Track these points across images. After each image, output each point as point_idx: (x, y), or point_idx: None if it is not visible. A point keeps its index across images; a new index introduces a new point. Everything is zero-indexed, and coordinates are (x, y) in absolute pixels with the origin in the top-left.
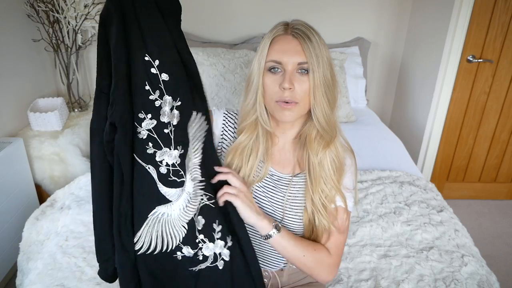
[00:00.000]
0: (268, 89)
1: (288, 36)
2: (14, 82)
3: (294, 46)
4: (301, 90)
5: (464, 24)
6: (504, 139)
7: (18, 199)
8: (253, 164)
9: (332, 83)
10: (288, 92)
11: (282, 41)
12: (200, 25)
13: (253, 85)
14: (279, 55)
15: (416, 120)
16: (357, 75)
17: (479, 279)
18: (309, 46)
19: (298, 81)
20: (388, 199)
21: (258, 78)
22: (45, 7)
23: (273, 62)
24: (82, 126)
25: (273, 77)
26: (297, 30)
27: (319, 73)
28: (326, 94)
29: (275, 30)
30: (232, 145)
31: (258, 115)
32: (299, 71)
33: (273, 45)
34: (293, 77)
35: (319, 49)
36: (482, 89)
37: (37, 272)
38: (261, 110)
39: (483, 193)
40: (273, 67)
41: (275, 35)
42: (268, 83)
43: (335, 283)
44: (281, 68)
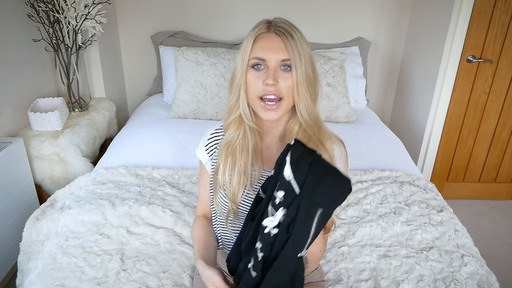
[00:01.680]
0: (251, 85)
1: (271, 33)
2: (14, 82)
3: (277, 44)
4: (285, 86)
5: (464, 24)
6: (504, 139)
7: (18, 199)
8: (246, 163)
9: (313, 78)
10: (272, 87)
11: (266, 38)
12: (200, 25)
13: (236, 82)
14: (263, 52)
15: (416, 120)
16: (357, 75)
17: (479, 279)
18: (292, 43)
19: (281, 78)
20: (388, 199)
21: (241, 74)
22: (45, 7)
23: (257, 59)
24: (82, 126)
25: (256, 73)
26: (279, 28)
27: (301, 69)
28: (309, 89)
29: (258, 28)
30: (222, 142)
31: (241, 111)
32: (282, 67)
33: (256, 43)
34: (277, 73)
35: (301, 46)
36: (482, 89)
37: (37, 272)
38: (243, 107)
39: (483, 193)
40: (256, 64)
41: (258, 33)
42: (251, 80)
43: (335, 283)
44: (264, 65)
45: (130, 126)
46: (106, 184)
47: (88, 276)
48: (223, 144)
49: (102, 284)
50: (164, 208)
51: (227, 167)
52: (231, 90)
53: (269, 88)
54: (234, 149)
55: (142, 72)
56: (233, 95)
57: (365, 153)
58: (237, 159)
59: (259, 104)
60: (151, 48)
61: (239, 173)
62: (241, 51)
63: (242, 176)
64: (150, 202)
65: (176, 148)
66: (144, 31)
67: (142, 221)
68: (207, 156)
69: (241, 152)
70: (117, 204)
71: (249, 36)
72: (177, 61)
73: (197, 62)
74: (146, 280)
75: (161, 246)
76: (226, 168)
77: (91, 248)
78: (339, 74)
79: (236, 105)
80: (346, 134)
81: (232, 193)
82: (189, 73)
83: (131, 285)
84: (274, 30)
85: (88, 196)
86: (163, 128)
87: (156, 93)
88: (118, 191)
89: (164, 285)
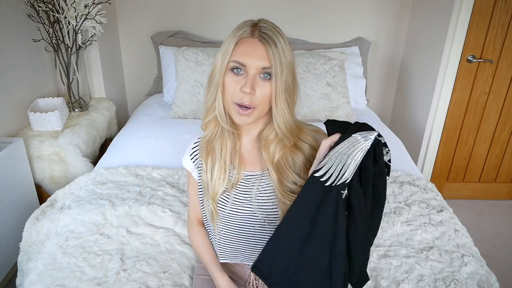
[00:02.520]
0: (228, 88)
1: (255, 39)
2: (14, 82)
3: (259, 51)
4: (261, 95)
5: (464, 24)
6: (504, 139)
7: (18, 199)
8: (225, 161)
9: (292, 88)
10: (248, 97)
11: (249, 43)
12: (200, 25)
13: (214, 82)
14: (244, 57)
15: (416, 120)
16: (357, 75)
17: (479, 279)
18: (274, 52)
19: (259, 86)
20: (388, 199)
21: (220, 76)
22: (45, 7)
23: (237, 63)
24: (82, 126)
25: (235, 77)
26: (264, 34)
27: (281, 80)
28: (287, 100)
29: (242, 31)
30: (201, 141)
31: (217, 113)
32: (261, 75)
33: (238, 46)
34: (255, 81)
35: (283, 56)
36: (482, 89)
37: (37, 272)
38: (219, 109)
39: (483, 193)
40: (236, 67)
41: (242, 36)
42: (229, 83)
43: None
44: (244, 70)
45: (130, 126)
46: (106, 184)
47: (88, 276)
48: (203, 142)
49: (102, 284)
50: (164, 208)
51: (208, 165)
52: (209, 89)
53: (245, 97)
54: (213, 147)
55: (142, 72)
56: (210, 95)
57: None
58: (217, 157)
59: (234, 108)
60: (151, 48)
61: (219, 170)
62: (221, 51)
63: (222, 174)
64: (150, 202)
65: (176, 148)
66: (144, 31)
67: (142, 221)
68: (193, 164)
69: (220, 151)
70: (117, 204)
71: (231, 37)
72: (177, 61)
73: (197, 62)
74: (146, 280)
75: (161, 246)
76: (208, 166)
77: (91, 248)
78: (339, 74)
79: (212, 106)
80: None
81: (212, 190)
82: (189, 73)
83: (131, 285)
84: (258, 36)
85: (88, 196)
86: (163, 128)
87: (156, 93)
88: (118, 191)
89: (164, 285)
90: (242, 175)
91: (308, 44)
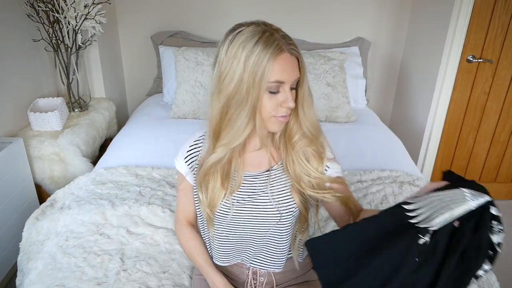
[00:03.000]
0: (267, 107)
1: (287, 54)
2: (14, 82)
3: (291, 63)
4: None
5: (464, 24)
6: (504, 139)
7: (18, 199)
8: (229, 174)
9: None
10: (288, 109)
11: (283, 60)
12: (200, 25)
13: (246, 106)
14: (282, 74)
15: (416, 120)
16: (357, 75)
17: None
18: (303, 62)
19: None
20: (388, 199)
21: (255, 95)
22: (45, 7)
23: (276, 83)
24: (82, 126)
25: (273, 96)
26: (292, 46)
27: (306, 85)
28: (311, 103)
29: (272, 48)
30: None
31: (258, 136)
32: (291, 87)
33: (275, 65)
34: (292, 94)
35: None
36: (482, 89)
37: (37, 272)
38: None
39: None
40: (273, 88)
41: (275, 54)
42: (268, 103)
43: None
44: (282, 87)
45: (130, 126)
46: (106, 184)
47: (88, 276)
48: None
49: (102, 284)
50: (164, 208)
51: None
52: (229, 112)
53: (284, 110)
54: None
55: (142, 72)
56: (239, 119)
57: (365, 153)
58: (219, 177)
59: (274, 120)
60: (151, 48)
61: (220, 188)
62: (250, 69)
63: (223, 189)
64: (150, 202)
65: (176, 148)
66: (144, 31)
67: (142, 221)
68: (188, 167)
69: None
70: (117, 204)
71: (259, 54)
72: (177, 61)
73: (197, 62)
74: (146, 280)
75: (161, 246)
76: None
77: (91, 248)
78: (339, 74)
79: (247, 127)
80: (346, 134)
81: (211, 203)
82: (189, 73)
83: (131, 285)
84: (289, 50)
85: (88, 196)
86: (163, 128)
87: (156, 93)
88: (118, 191)
89: (164, 285)
90: (241, 179)
91: (308, 44)
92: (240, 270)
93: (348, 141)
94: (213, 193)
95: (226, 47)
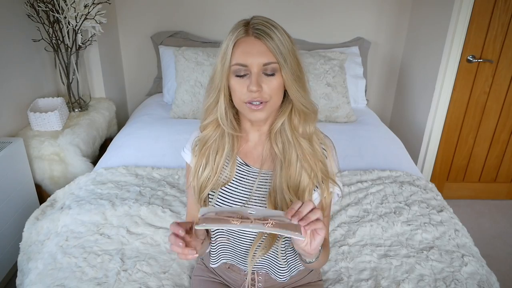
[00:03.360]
0: (236, 91)
1: (250, 37)
2: (14, 82)
3: (257, 47)
4: (269, 89)
5: (464, 24)
6: (504, 139)
7: (18, 199)
8: (219, 163)
9: (300, 73)
10: (256, 93)
11: (245, 43)
12: (200, 25)
13: (215, 86)
14: (244, 58)
15: (416, 120)
16: (357, 75)
17: (479, 279)
18: (272, 45)
19: (265, 82)
20: (388, 199)
21: (221, 79)
22: (45, 7)
23: (238, 66)
24: (82, 126)
25: (240, 80)
26: (258, 30)
27: (288, 69)
28: (299, 86)
29: (237, 32)
30: (196, 141)
31: (218, 116)
32: (265, 72)
33: (236, 48)
34: (260, 78)
35: (282, 46)
36: (482, 89)
37: (37, 272)
38: (221, 112)
39: (483, 193)
40: (238, 70)
41: (238, 37)
42: (235, 86)
43: (335, 283)
44: (247, 71)
45: (130, 126)
46: (106, 184)
47: (88, 276)
48: (197, 142)
49: (102, 284)
50: (164, 208)
51: (201, 166)
52: (209, 92)
53: (253, 95)
54: (208, 148)
55: (142, 72)
56: (211, 98)
57: (365, 153)
58: (210, 160)
59: (246, 107)
60: (151, 48)
61: (209, 173)
62: (220, 55)
63: (212, 176)
64: (150, 202)
65: (176, 148)
66: (144, 31)
67: (142, 221)
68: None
69: (215, 154)
70: (117, 204)
71: (227, 40)
72: (177, 61)
73: (197, 62)
74: (146, 281)
75: (161, 246)
76: (200, 167)
77: (91, 248)
78: (339, 74)
79: (214, 109)
80: (346, 134)
81: (199, 189)
82: (189, 73)
83: (131, 285)
84: (253, 34)
85: (88, 196)
86: (163, 128)
87: (156, 93)
88: (118, 191)
89: (164, 286)
90: (234, 173)
91: (308, 44)
92: (239, 276)
93: (348, 141)
94: (200, 184)
95: None
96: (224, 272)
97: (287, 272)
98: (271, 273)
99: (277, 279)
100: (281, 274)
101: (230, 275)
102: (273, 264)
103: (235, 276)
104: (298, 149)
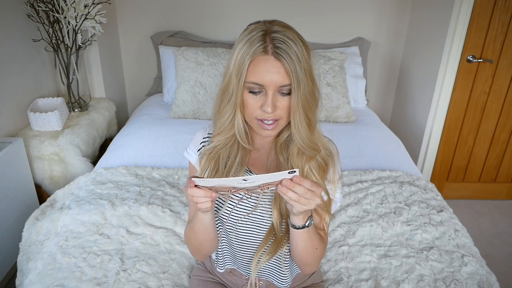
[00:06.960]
0: (249, 108)
1: (269, 56)
2: (14, 82)
3: (276, 68)
4: (283, 107)
5: (464, 24)
6: (504, 139)
7: (18, 199)
8: (229, 170)
9: (312, 100)
10: (270, 114)
11: (264, 61)
12: (200, 25)
13: (231, 101)
14: (260, 77)
15: (416, 120)
16: (357, 75)
17: (479, 279)
18: (291, 67)
19: (279, 100)
20: (388, 199)
21: (237, 94)
22: (45, 7)
23: (254, 84)
24: (82, 126)
25: (254, 97)
26: (278, 49)
27: (299, 94)
28: (306, 114)
29: (255, 47)
30: (207, 148)
31: (237, 133)
32: (280, 92)
33: (253, 65)
34: (275, 98)
35: (299, 66)
36: (482, 89)
37: (37, 272)
38: (239, 128)
39: (483, 193)
40: (253, 87)
41: (255, 54)
42: (249, 102)
43: (335, 283)
44: (262, 89)
45: (130, 126)
46: (106, 184)
47: (88, 276)
48: (207, 149)
49: (102, 284)
50: (164, 208)
51: (206, 171)
52: (223, 107)
53: (266, 114)
54: (218, 153)
55: (142, 72)
56: (226, 113)
57: (365, 153)
58: (220, 167)
59: (257, 123)
60: (151, 48)
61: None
62: (235, 67)
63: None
64: (150, 202)
65: (176, 148)
66: (144, 31)
67: (142, 221)
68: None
69: (226, 161)
70: (117, 204)
71: (243, 52)
72: (177, 61)
73: (197, 62)
74: (146, 281)
75: (160, 246)
76: (206, 172)
77: (91, 248)
78: (339, 74)
79: (230, 125)
80: (346, 134)
81: None
82: (189, 73)
83: (130, 285)
84: (273, 53)
85: (87, 196)
86: (163, 128)
87: (156, 93)
88: (118, 191)
89: (163, 286)
90: (244, 173)
91: None
92: (239, 280)
93: (348, 141)
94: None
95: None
96: (225, 276)
97: (289, 278)
98: (272, 279)
99: (279, 285)
100: (283, 280)
101: (231, 279)
102: (275, 271)
103: (236, 280)
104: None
